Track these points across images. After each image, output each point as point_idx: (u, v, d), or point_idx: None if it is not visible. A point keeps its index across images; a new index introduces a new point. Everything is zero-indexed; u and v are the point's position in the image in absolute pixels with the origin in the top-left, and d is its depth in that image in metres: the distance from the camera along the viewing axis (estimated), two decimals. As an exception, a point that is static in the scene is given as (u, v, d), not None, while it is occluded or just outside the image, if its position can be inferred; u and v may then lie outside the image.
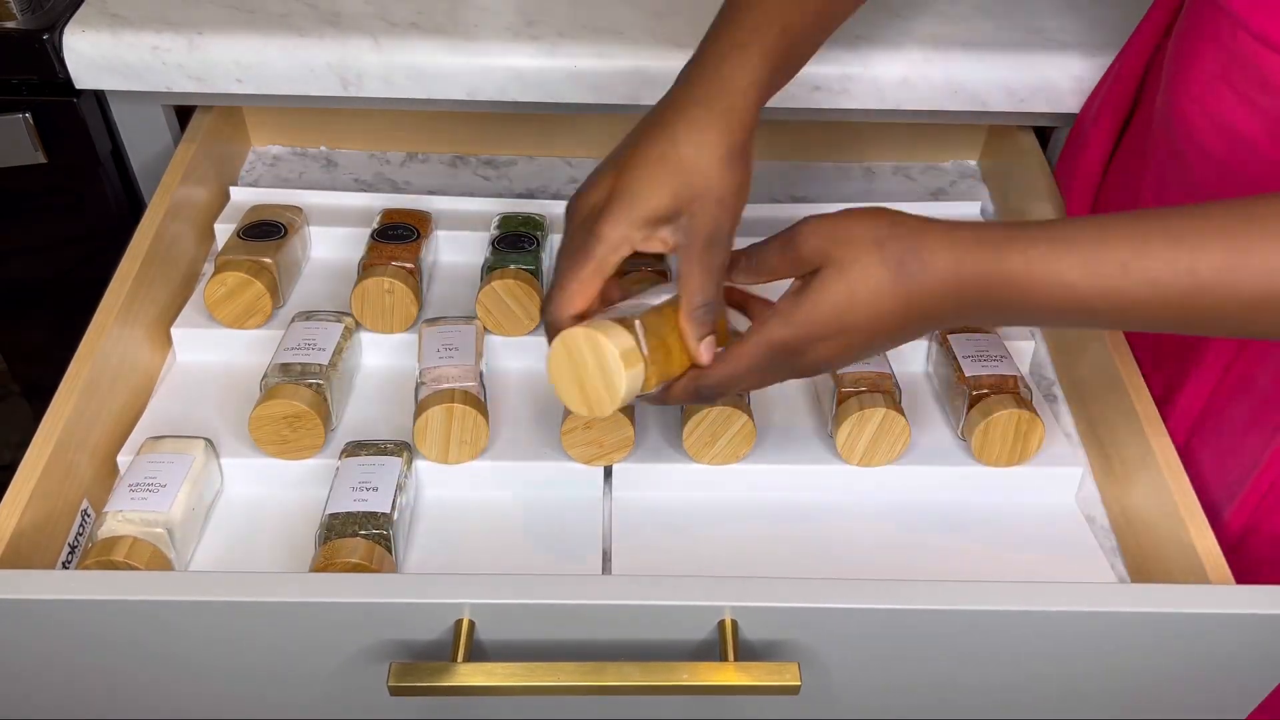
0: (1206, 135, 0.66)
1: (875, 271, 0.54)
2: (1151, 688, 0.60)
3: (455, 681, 0.52)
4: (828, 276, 0.55)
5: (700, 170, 0.58)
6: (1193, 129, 0.67)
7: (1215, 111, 0.65)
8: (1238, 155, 0.64)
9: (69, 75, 0.83)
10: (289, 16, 0.86)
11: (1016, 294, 0.54)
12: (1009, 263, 0.53)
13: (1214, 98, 0.65)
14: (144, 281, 0.76)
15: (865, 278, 0.54)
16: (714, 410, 0.71)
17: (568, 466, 0.72)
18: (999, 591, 0.55)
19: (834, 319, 0.55)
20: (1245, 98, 0.63)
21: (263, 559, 0.68)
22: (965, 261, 0.54)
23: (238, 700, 0.61)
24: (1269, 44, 0.60)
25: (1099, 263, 0.52)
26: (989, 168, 1.00)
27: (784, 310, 0.57)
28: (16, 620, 0.55)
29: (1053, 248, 0.53)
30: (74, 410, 0.66)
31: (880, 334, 0.56)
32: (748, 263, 0.60)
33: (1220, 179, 0.66)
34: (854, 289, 0.55)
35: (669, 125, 0.58)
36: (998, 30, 0.89)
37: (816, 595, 0.54)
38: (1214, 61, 0.65)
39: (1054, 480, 0.74)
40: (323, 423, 0.70)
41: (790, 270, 0.58)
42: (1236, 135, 0.64)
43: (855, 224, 0.56)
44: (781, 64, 0.62)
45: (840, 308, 0.55)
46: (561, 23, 0.87)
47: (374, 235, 0.82)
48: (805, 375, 0.59)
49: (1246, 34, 0.61)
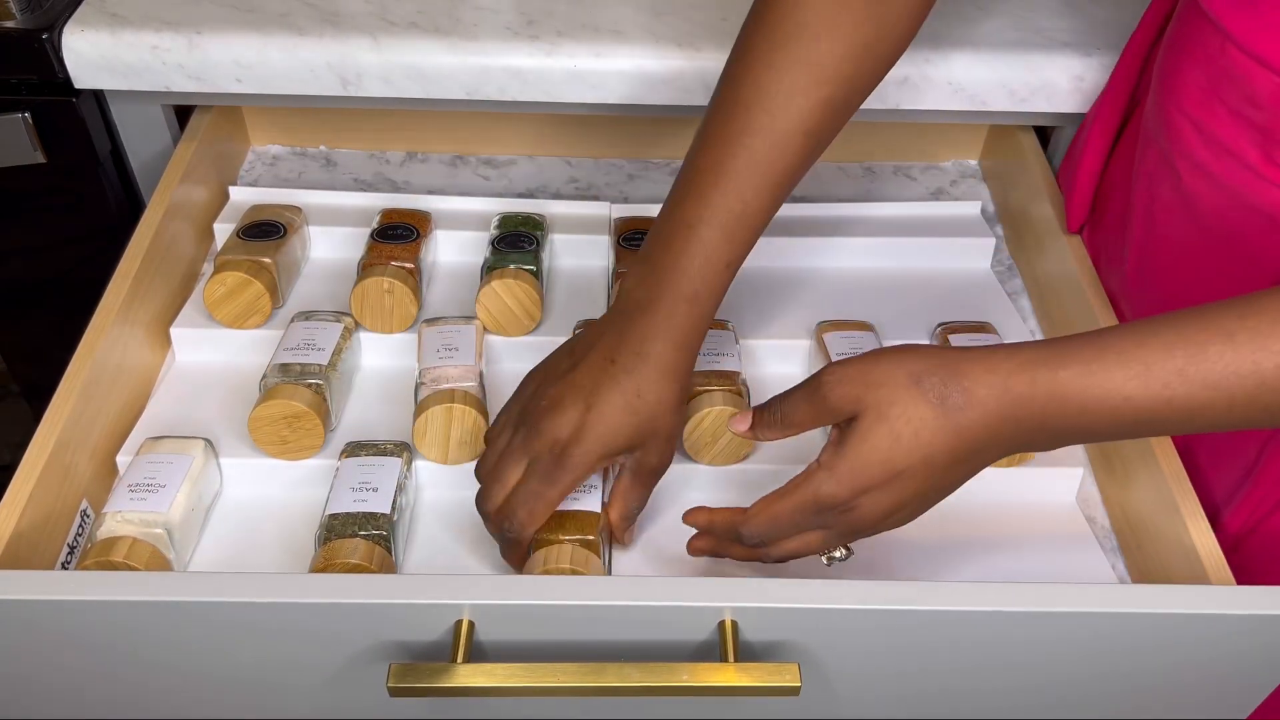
0: (1196, 146, 0.66)
1: (918, 410, 0.53)
2: (1151, 688, 0.60)
3: (455, 682, 0.52)
4: (867, 422, 0.53)
5: (659, 417, 0.63)
6: (1182, 139, 0.67)
7: (1205, 124, 0.65)
8: (1227, 168, 0.64)
9: (68, 75, 0.83)
10: (289, 16, 0.86)
11: (1074, 414, 0.52)
12: (1061, 385, 0.52)
13: (1204, 111, 0.65)
14: (143, 281, 0.76)
15: (908, 418, 0.53)
16: (714, 410, 0.71)
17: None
18: (999, 592, 0.55)
19: (881, 466, 0.53)
20: (1235, 112, 0.63)
21: (262, 559, 0.68)
22: (1011, 388, 0.52)
23: (237, 700, 0.61)
24: (1258, 59, 0.60)
25: (1158, 371, 0.51)
26: (989, 168, 1.00)
27: (827, 462, 0.55)
28: (16, 620, 0.55)
29: (1103, 363, 0.51)
30: (73, 410, 0.66)
31: (934, 476, 0.54)
32: (772, 417, 0.59)
33: (1210, 189, 0.66)
34: (898, 431, 0.53)
35: (634, 373, 0.62)
36: (998, 30, 0.89)
37: (816, 595, 0.54)
38: (1203, 75, 0.65)
39: (1054, 480, 0.74)
40: (322, 423, 0.70)
41: (819, 421, 0.57)
42: (1225, 148, 0.64)
43: (886, 364, 0.54)
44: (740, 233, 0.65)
45: (886, 453, 0.53)
46: (561, 23, 0.87)
47: (374, 235, 0.82)
48: (863, 532, 0.57)
49: (1236, 49, 0.61)
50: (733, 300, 0.85)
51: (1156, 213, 0.71)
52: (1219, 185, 0.65)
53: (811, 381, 0.56)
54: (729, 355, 0.76)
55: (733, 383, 0.74)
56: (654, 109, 0.88)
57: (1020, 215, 0.91)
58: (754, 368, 0.80)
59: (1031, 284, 0.89)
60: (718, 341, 0.77)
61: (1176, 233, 0.70)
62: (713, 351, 0.76)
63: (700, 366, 0.75)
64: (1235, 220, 0.65)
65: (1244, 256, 0.65)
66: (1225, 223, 0.65)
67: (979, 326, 0.80)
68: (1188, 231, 0.69)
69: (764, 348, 0.81)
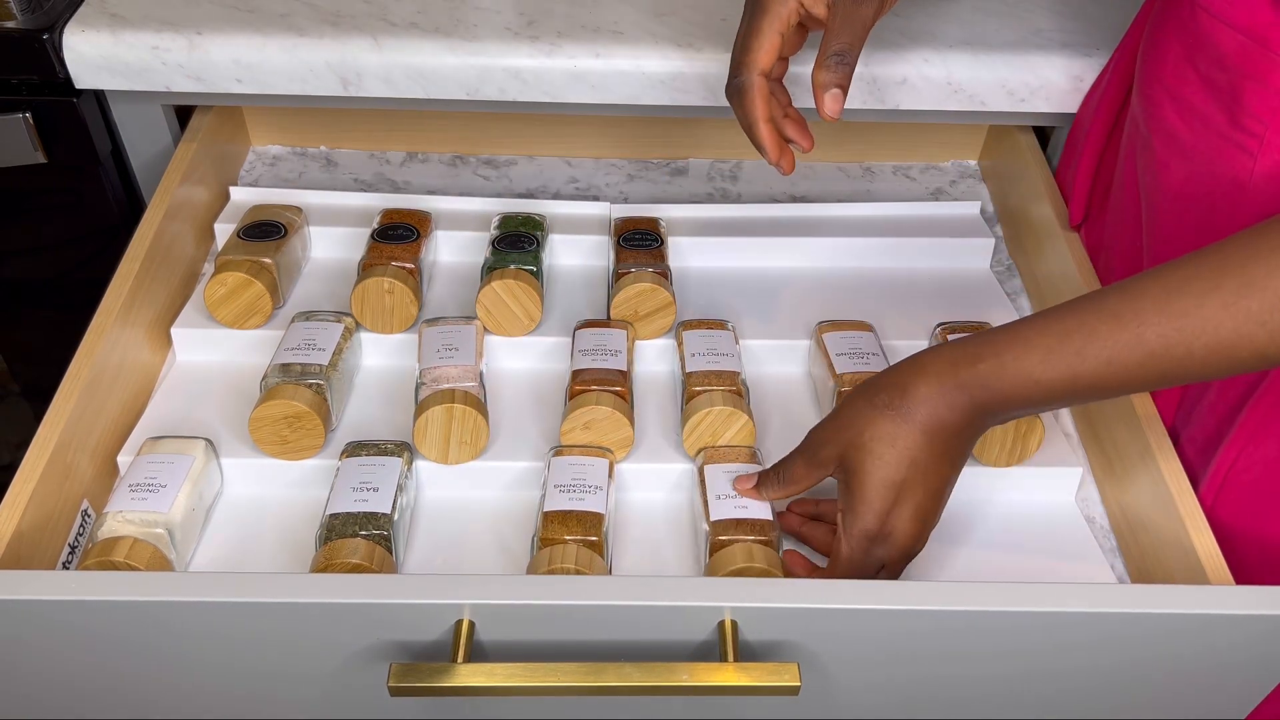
0: (1170, 115, 0.68)
1: (884, 428, 0.60)
2: (1151, 688, 0.60)
3: (455, 682, 0.52)
4: (851, 459, 0.61)
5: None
6: (1158, 111, 0.69)
7: (1179, 93, 0.67)
8: (1198, 135, 0.66)
9: (69, 75, 0.83)
10: (289, 16, 0.86)
11: (1000, 399, 0.59)
12: (982, 376, 0.58)
13: (1179, 79, 0.67)
14: (144, 281, 0.76)
15: (880, 437, 0.60)
16: (714, 410, 0.71)
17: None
18: (999, 592, 0.55)
19: (881, 485, 0.60)
20: (1205, 77, 0.64)
21: (263, 559, 0.68)
22: (944, 385, 0.59)
23: (238, 700, 0.61)
24: (1222, 20, 0.62)
25: (1058, 355, 0.57)
26: (989, 168, 1.00)
27: (844, 507, 0.62)
28: (16, 620, 0.55)
29: (1013, 353, 0.58)
30: (74, 410, 0.67)
31: (927, 474, 0.60)
32: (775, 479, 0.66)
33: (1180, 159, 0.67)
34: (876, 451, 0.60)
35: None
36: (998, 30, 0.89)
37: (816, 595, 0.54)
38: (1180, 44, 0.67)
39: (1054, 480, 0.74)
40: (323, 423, 0.70)
41: (818, 476, 0.64)
42: (1196, 113, 0.66)
43: (850, 406, 0.62)
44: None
45: (880, 474, 0.60)
46: (561, 23, 0.87)
47: (374, 235, 0.82)
48: (911, 550, 0.63)
49: (1205, 13, 0.64)
50: (733, 300, 0.85)
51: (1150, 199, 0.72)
52: (1189, 155, 0.66)
53: (805, 445, 0.64)
54: (729, 355, 0.76)
55: (732, 383, 0.74)
56: (654, 109, 0.88)
57: (1019, 215, 0.91)
58: (754, 367, 0.80)
59: (1031, 284, 0.89)
60: (717, 342, 0.77)
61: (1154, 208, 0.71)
62: (712, 351, 0.76)
63: (699, 367, 0.75)
64: (1206, 190, 0.66)
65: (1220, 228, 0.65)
66: (1198, 194, 0.67)
67: (978, 327, 0.80)
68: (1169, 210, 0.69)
69: (764, 348, 0.81)
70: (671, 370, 0.80)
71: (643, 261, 0.82)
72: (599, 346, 0.76)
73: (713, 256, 0.89)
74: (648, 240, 0.85)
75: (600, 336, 0.77)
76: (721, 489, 0.68)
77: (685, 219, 0.90)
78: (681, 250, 0.88)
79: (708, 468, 0.70)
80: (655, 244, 0.84)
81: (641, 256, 0.83)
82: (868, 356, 0.76)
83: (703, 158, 1.01)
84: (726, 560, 0.64)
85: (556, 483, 0.68)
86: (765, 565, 0.63)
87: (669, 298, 0.79)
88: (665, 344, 0.81)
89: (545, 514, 0.66)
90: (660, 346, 0.81)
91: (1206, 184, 0.66)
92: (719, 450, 0.71)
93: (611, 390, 0.73)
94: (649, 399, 0.78)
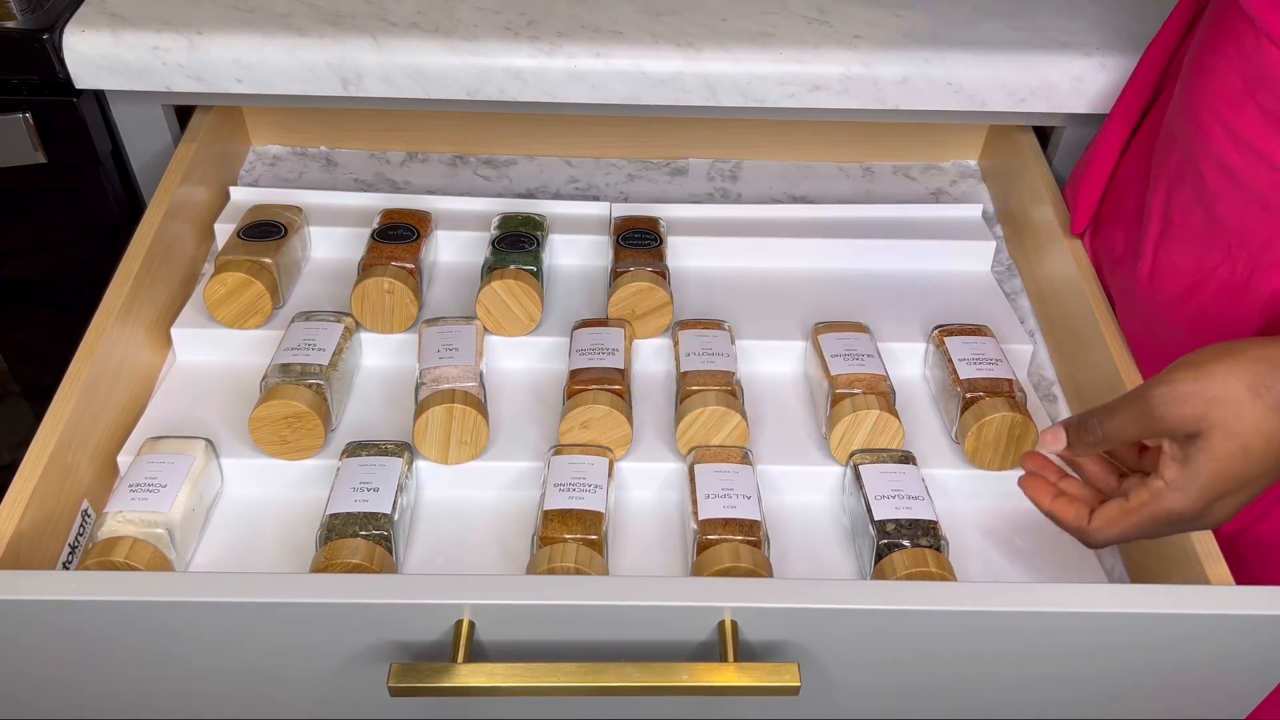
0: (1226, 150, 0.65)
1: (1266, 423, 0.55)
2: (1151, 688, 0.60)
3: (455, 682, 0.52)
4: (1217, 440, 0.55)
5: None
6: (1210, 141, 0.66)
7: (1235, 125, 0.65)
8: (1254, 170, 0.64)
9: (69, 75, 0.83)
10: (289, 16, 0.86)
11: None
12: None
13: (1235, 111, 0.64)
14: (144, 281, 0.76)
15: (1258, 432, 0.55)
16: (707, 410, 0.71)
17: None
18: (998, 592, 0.55)
19: (1235, 479, 0.56)
20: (1268, 112, 0.62)
21: (263, 559, 0.68)
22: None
23: (238, 700, 0.61)
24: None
25: None
26: (989, 168, 1.00)
27: (1175, 481, 0.57)
28: (16, 620, 0.55)
29: None
30: (74, 410, 0.67)
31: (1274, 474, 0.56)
32: (1091, 435, 0.60)
33: (1236, 195, 0.65)
34: (1248, 445, 0.55)
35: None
36: (998, 30, 0.89)
37: (816, 595, 0.54)
38: (1239, 76, 0.64)
39: (1054, 480, 0.74)
40: (323, 423, 0.70)
41: (1147, 437, 0.58)
42: (1254, 149, 0.63)
43: (1221, 377, 0.55)
44: None
45: (1240, 468, 0.55)
46: (561, 23, 0.87)
47: (374, 235, 0.82)
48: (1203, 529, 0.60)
49: (1272, 46, 0.61)
50: (729, 300, 0.85)
51: (1174, 214, 0.71)
52: (1242, 187, 0.65)
53: (1137, 401, 0.57)
54: (724, 355, 0.76)
55: (727, 382, 0.74)
56: (654, 109, 0.88)
57: (1020, 216, 0.91)
58: (750, 367, 0.80)
59: (1031, 285, 0.89)
60: (713, 341, 0.77)
61: (1193, 234, 0.70)
62: (708, 351, 0.76)
63: (695, 366, 0.75)
64: (1255, 223, 0.64)
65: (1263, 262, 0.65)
66: (1246, 226, 0.65)
67: (976, 329, 0.80)
68: (1205, 234, 0.68)
69: (759, 348, 0.81)
70: (669, 370, 0.80)
71: (641, 261, 0.82)
72: (597, 345, 0.76)
73: (712, 256, 0.89)
74: (647, 239, 0.85)
75: (598, 335, 0.77)
76: (710, 488, 0.68)
77: (685, 219, 0.91)
78: (681, 250, 0.88)
79: (697, 467, 0.70)
80: (654, 243, 0.84)
81: (640, 256, 0.83)
82: (863, 358, 0.76)
83: (703, 158, 1.01)
84: (713, 559, 0.63)
85: (556, 481, 0.68)
86: (751, 565, 0.63)
87: (666, 297, 0.79)
88: (663, 343, 0.81)
89: (545, 513, 0.66)
90: (658, 346, 0.81)
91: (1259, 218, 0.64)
92: (709, 450, 0.71)
93: (609, 389, 0.73)
94: (647, 398, 0.78)
